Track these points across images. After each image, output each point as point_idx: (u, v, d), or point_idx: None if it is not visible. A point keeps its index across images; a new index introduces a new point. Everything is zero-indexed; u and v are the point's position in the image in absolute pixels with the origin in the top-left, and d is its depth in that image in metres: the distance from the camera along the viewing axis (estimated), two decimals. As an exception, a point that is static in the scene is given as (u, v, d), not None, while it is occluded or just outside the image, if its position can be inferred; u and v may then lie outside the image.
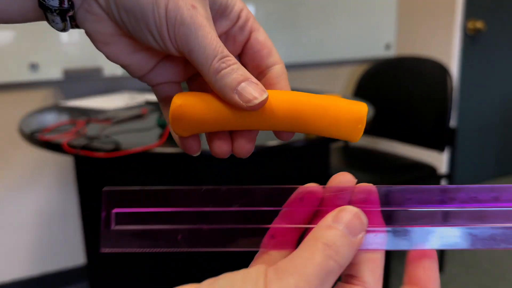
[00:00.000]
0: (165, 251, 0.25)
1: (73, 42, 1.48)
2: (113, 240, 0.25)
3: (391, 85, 1.80)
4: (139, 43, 0.29)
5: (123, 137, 0.95)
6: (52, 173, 1.59)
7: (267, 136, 0.77)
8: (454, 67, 2.03)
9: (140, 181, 1.12)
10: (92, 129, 1.02)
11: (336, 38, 1.95)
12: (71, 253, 1.67)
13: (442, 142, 1.58)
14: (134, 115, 1.16)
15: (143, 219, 0.25)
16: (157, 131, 1.01)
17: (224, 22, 0.29)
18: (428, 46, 2.04)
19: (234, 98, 0.26)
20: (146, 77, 0.31)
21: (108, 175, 1.24)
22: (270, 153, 1.02)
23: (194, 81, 0.32)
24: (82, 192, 1.34)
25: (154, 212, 0.25)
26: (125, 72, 0.50)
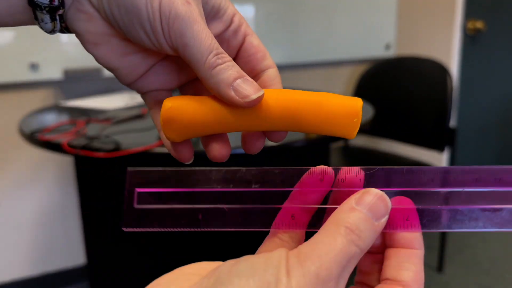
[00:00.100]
0: (186, 231, 0.25)
1: (73, 42, 1.48)
2: (135, 219, 0.25)
3: (391, 85, 1.80)
4: (131, 45, 0.28)
5: (123, 137, 0.95)
6: (52, 173, 1.59)
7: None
8: (454, 67, 2.03)
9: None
10: (92, 129, 1.02)
11: (336, 38, 1.95)
12: (71, 253, 1.67)
13: (442, 142, 1.58)
14: (134, 115, 1.16)
15: (165, 199, 0.25)
16: (157, 131, 1.01)
17: (217, 25, 0.29)
18: (428, 46, 2.04)
19: (230, 94, 0.25)
20: (137, 83, 0.30)
21: (108, 175, 1.24)
22: (270, 153, 1.02)
23: (187, 89, 0.31)
24: (82, 192, 1.34)
25: (176, 192, 0.25)
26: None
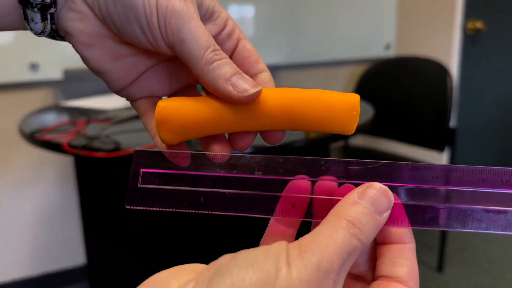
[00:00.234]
0: (187, 212, 0.25)
1: (73, 42, 1.48)
2: (139, 198, 0.25)
3: (391, 85, 1.80)
4: (124, 48, 0.27)
5: (123, 137, 0.95)
6: (52, 173, 1.59)
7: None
8: (454, 67, 2.03)
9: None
10: (92, 129, 1.02)
11: (336, 38, 1.95)
12: (71, 253, 1.67)
13: (442, 142, 1.58)
14: (134, 115, 1.16)
15: (169, 180, 0.26)
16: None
17: (211, 27, 0.29)
18: (428, 46, 2.04)
19: (228, 88, 0.25)
20: (127, 90, 0.29)
21: (108, 175, 1.24)
22: (270, 154, 1.02)
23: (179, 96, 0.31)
24: (82, 192, 1.34)
25: (180, 174, 0.26)
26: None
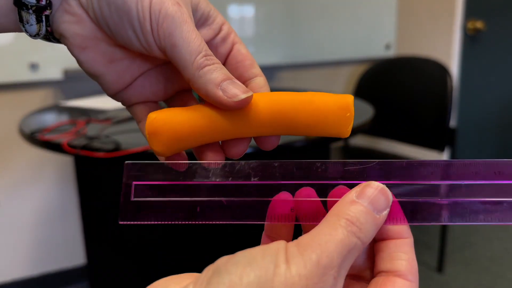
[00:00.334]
0: (183, 223, 0.25)
1: (73, 42, 1.48)
2: (132, 212, 0.25)
3: (391, 85, 1.80)
4: (119, 51, 0.28)
5: (123, 137, 0.95)
6: (52, 173, 1.59)
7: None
8: (454, 67, 2.03)
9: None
10: (92, 129, 1.02)
11: (336, 38, 1.95)
12: (71, 253, 1.67)
13: (442, 142, 1.58)
14: (134, 115, 1.16)
15: (163, 192, 0.25)
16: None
17: (206, 32, 0.29)
18: (428, 46, 2.04)
19: (218, 94, 0.25)
20: (122, 94, 0.29)
21: (108, 175, 1.24)
22: (270, 154, 1.02)
23: (173, 102, 0.31)
24: (82, 192, 1.34)
25: (174, 185, 0.25)
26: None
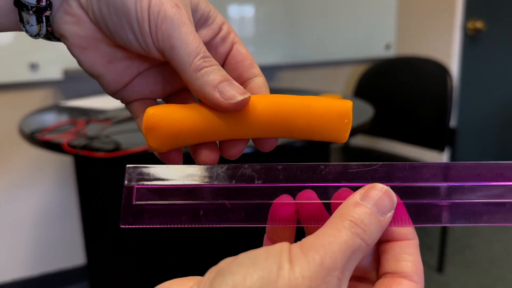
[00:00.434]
0: (186, 227, 0.24)
1: (73, 42, 1.48)
2: (134, 216, 0.24)
3: (391, 85, 1.80)
4: (118, 52, 0.28)
5: (123, 137, 0.95)
6: (52, 173, 1.59)
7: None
8: (454, 67, 2.03)
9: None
10: (92, 129, 1.02)
11: (336, 38, 1.95)
12: (71, 253, 1.67)
13: (442, 142, 1.58)
14: (134, 115, 1.16)
15: (165, 195, 0.25)
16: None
17: (206, 32, 0.29)
18: (428, 46, 2.04)
19: (215, 95, 0.25)
20: (121, 93, 0.29)
21: (108, 175, 1.24)
22: (269, 154, 1.02)
23: (172, 100, 0.31)
24: (82, 192, 1.34)
25: (176, 188, 0.25)
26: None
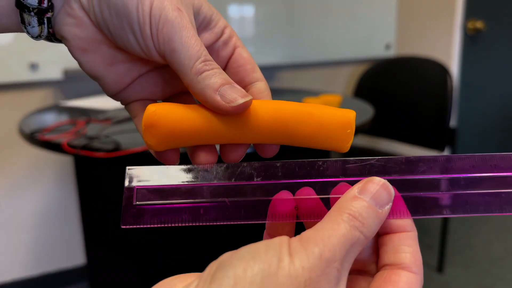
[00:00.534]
0: (187, 225, 0.25)
1: (73, 42, 1.48)
2: (135, 216, 0.25)
3: (391, 85, 1.80)
4: (119, 54, 0.28)
5: (123, 137, 0.95)
6: (52, 173, 1.59)
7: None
8: (454, 67, 2.03)
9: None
10: (92, 129, 1.02)
11: (336, 38, 1.95)
12: (71, 253, 1.67)
13: (442, 142, 1.58)
14: (134, 115, 1.16)
15: (165, 195, 0.25)
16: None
17: (208, 36, 0.29)
18: (428, 46, 2.04)
19: (216, 99, 0.25)
20: (122, 94, 0.29)
21: (108, 175, 1.24)
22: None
23: (173, 101, 0.30)
24: (82, 192, 1.34)
25: (176, 188, 0.25)
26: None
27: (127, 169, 0.26)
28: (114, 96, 0.29)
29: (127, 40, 0.26)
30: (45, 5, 0.25)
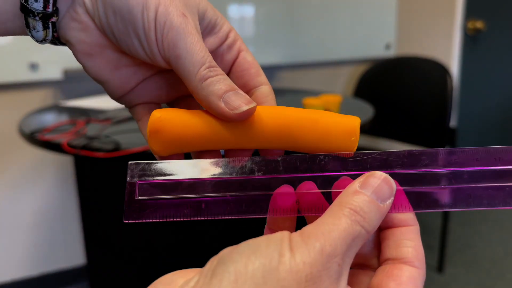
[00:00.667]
0: (188, 220, 0.25)
1: (73, 42, 1.48)
2: (137, 211, 0.25)
3: (391, 85, 1.80)
4: (124, 58, 0.28)
5: (123, 137, 0.95)
6: (52, 173, 1.59)
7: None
8: (454, 67, 2.03)
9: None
10: (92, 129, 1.02)
11: (336, 38, 1.95)
12: (71, 253, 1.67)
13: (442, 142, 1.58)
14: (134, 115, 1.16)
15: (167, 190, 0.25)
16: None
17: (213, 40, 0.29)
18: (428, 46, 2.04)
19: (220, 106, 0.25)
20: (126, 97, 0.29)
21: (108, 175, 1.24)
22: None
23: (176, 105, 0.31)
24: (82, 192, 1.34)
25: (178, 182, 0.25)
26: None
27: (129, 164, 0.26)
28: (119, 100, 0.29)
29: (132, 45, 0.26)
30: (50, 10, 0.25)
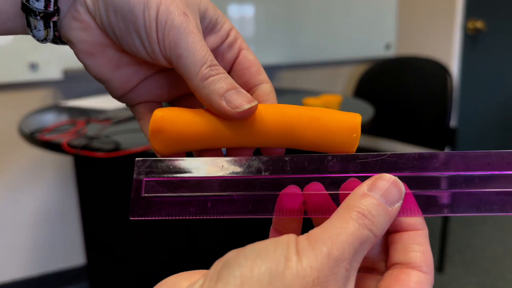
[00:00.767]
0: (194, 218, 0.25)
1: (73, 42, 1.48)
2: (142, 208, 0.25)
3: (391, 85, 1.80)
4: (125, 57, 0.28)
5: (123, 137, 0.95)
6: (52, 173, 1.59)
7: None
8: (454, 67, 2.03)
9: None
10: (92, 129, 1.02)
11: (336, 38, 1.95)
12: (71, 253, 1.67)
13: (442, 142, 1.58)
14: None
15: (174, 187, 0.25)
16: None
17: (214, 39, 0.29)
18: (428, 46, 2.04)
19: (222, 104, 0.25)
20: (127, 96, 0.29)
21: (108, 175, 1.24)
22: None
23: (177, 104, 0.31)
24: (82, 192, 1.34)
25: (184, 180, 0.25)
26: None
27: (136, 160, 0.26)
28: (120, 99, 0.29)
29: (133, 45, 0.26)
30: (51, 9, 0.25)
